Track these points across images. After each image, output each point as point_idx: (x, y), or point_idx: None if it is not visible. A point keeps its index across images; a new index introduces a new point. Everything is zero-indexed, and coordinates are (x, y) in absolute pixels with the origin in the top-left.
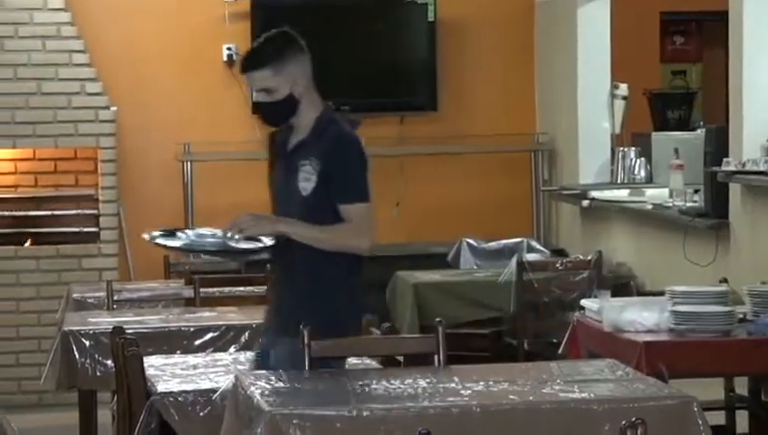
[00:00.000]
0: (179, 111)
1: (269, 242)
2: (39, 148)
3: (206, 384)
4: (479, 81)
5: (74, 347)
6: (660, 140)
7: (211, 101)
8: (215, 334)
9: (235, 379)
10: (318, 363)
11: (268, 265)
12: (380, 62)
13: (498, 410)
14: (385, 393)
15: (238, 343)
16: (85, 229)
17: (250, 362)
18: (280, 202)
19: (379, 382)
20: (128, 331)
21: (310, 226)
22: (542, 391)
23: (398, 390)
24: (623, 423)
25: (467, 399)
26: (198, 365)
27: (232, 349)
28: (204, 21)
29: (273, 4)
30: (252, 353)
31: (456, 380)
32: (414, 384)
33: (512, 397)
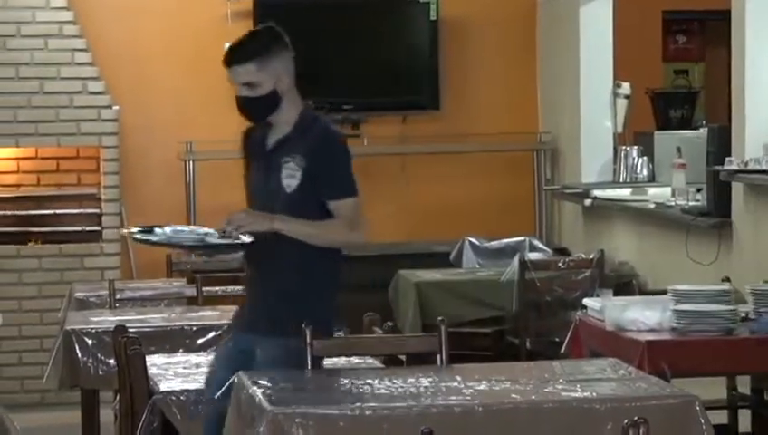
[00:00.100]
0: (181, 110)
1: (247, 239)
2: (41, 147)
3: None
4: (481, 80)
5: (77, 346)
6: (663, 139)
7: (213, 101)
8: (217, 333)
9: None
10: (296, 363)
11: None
12: (383, 62)
13: (500, 409)
14: (387, 392)
15: None
16: (87, 228)
17: (217, 360)
18: (259, 200)
19: (382, 381)
20: (130, 330)
21: (303, 222)
22: (545, 390)
23: (400, 389)
24: (625, 422)
25: (470, 398)
26: (201, 364)
27: None
28: (206, 20)
29: (275, 4)
30: (217, 352)
31: (459, 379)
32: (416, 383)
33: (514, 396)
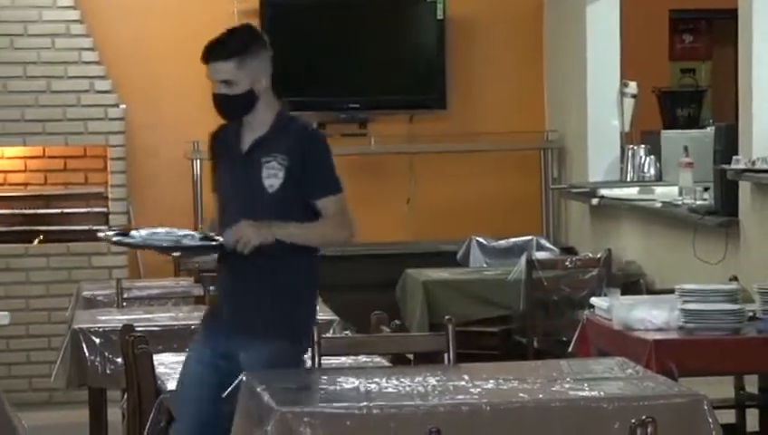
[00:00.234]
0: (189, 109)
1: (221, 240)
2: (49, 145)
3: None
4: (488, 79)
5: (84, 345)
6: (670, 137)
7: None
8: None
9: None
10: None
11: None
12: (389, 61)
13: (508, 408)
14: (395, 391)
15: None
16: (95, 227)
17: (192, 376)
18: (236, 202)
19: (389, 380)
20: (137, 329)
21: (298, 225)
22: (552, 389)
23: (407, 388)
24: (633, 422)
25: (477, 397)
26: None
27: None
28: (213, 19)
29: (281, 2)
30: (190, 362)
31: (466, 378)
32: (424, 382)
33: (521, 395)
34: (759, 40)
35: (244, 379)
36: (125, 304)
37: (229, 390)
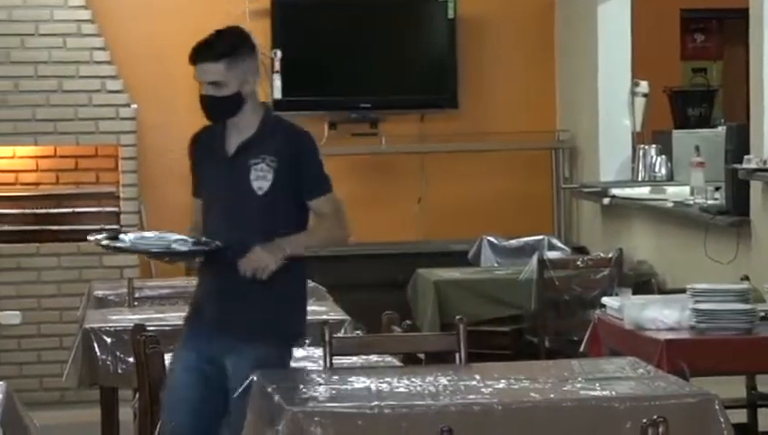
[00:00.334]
0: (199, 109)
1: (214, 245)
2: (60, 145)
3: None
4: (499, 78)
5: (96, 344)
6: (681, 137)
7: None
8: None
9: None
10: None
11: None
12: (400, 60)
13: (519, 407)
14: (406, 391)
15: None
16: (106, 227)
17: (178, 369)
18: (222, 205)
19: (401, 380)
20: (149, 328)
21: (301, 235)
22: (564, 388)
23: (419, 387)
24: (644, 421)
25: (488, 397)
26: None
27: None
28: (224, 19)
29: (293, 2)
30: (176, 365)
31: (478, 377)
32: (435, 382)
33: (533, 395)
34: None
35: (255, 379)
36: (136, 304)
37: (240, 390)
